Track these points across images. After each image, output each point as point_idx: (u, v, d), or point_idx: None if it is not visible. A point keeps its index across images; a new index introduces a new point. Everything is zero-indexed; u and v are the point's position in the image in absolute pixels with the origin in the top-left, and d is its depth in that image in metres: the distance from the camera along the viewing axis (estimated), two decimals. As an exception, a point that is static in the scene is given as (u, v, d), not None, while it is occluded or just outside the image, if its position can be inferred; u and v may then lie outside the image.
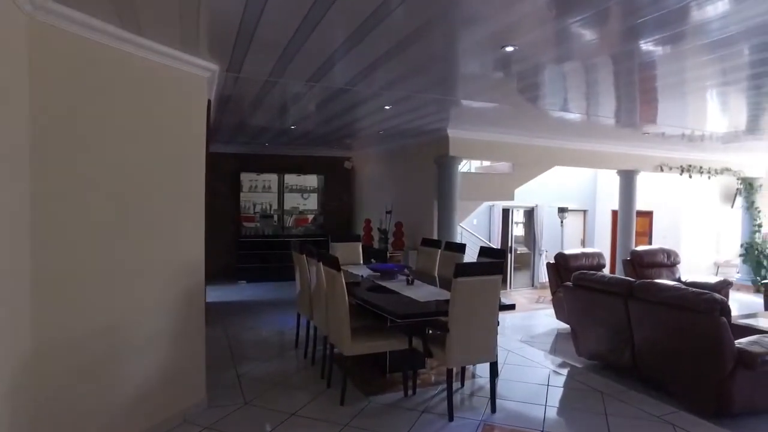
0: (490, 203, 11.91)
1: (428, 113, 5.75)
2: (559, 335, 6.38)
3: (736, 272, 11.90)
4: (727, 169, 9.50)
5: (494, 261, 3.96)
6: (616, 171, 8.61)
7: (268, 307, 7.56)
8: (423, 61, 3.69)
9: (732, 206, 12.11)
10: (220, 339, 5.74)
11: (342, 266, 5.40)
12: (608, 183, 13.02)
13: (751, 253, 9.90)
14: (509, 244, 12.43)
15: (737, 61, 3.55)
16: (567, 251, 7.00)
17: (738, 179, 10.07)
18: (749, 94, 4.80)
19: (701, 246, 11.92)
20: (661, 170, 8.65)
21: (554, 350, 5.66)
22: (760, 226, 10.05)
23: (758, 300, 8.82)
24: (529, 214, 12.82)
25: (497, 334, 3.77)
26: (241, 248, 9.80)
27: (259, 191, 10.23)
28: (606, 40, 3.17)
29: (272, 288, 9.11)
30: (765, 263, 9.82)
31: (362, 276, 5.09)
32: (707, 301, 3.89)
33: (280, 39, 3.21)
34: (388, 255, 7.69)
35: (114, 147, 3.03)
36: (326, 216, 10.66)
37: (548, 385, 4.40)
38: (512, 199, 7.54)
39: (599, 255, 7.18)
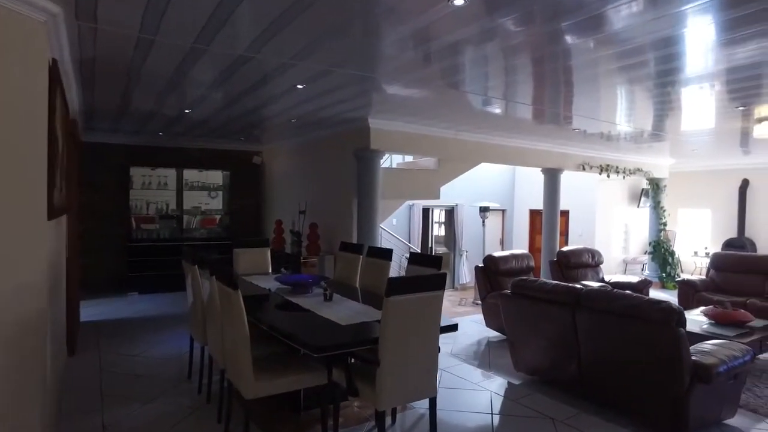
0: (410, 202, 11.41)
1: (347, 97, 5.00)
2: (491, 345, 5.89)
3: (641, 269, 12.37)
4: (639, 170, 9.68)
5: (434, 274, 3.27)
6: (540, 169, 8.39)
7: (162, 325, 6.39)
8: (338, 20, 2.93)
9: (638, 206, 12.57)
10: (89, 372, 4.58)
11: (247, 277, 4.46)
12: (526, 182, 13.06)
13: (658, 250, 10.18)
14: (429, 245, 12.01)
15: (641, 57, 3.59)
16: (496, 253, 6.56)
17: (647, 179, 10.33)
18: (654, 93, 4.76)
19: (611, 244, 12.24)
20: (583, 169, 8.55)
21: (489, 364, 5.13)
22: (665, 224, 10.37)
23: (667, 297, 9.05)
24: (450, 213, 12.49)
25: (438, 362, 3.08)
26: (132, 254, 8.44)
27: (153, 188, 8.91)
28: (528, 22, 2.93)
29: (169, 300, 7.87)
30: (670, 260, 10.14)
31: (270, 289, 4.21)
32: (663, 311, 3.48)
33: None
34: (302, 261, 6.83)
35: None
36: (233, 217, 9.54)
37: (492, 413, 3.80)
38: (438, 197, 7.00)
39: (528, 257, 6.82)
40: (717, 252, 7.78)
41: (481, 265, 6.54)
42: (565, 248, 7.46)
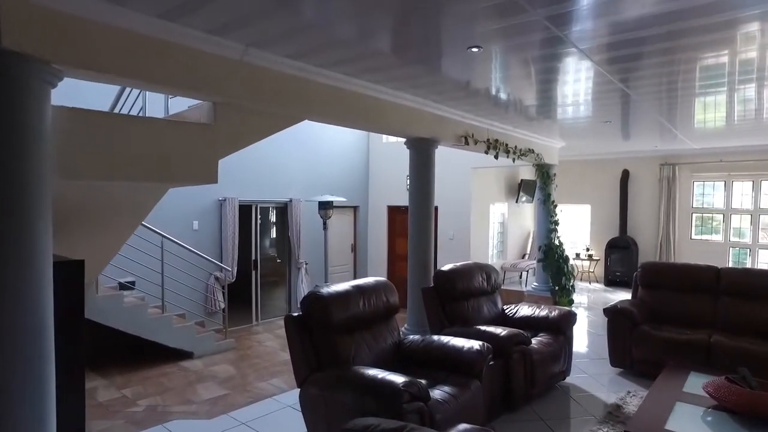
0: (221, 196, 7.78)
1: None
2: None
3: (519, 276, 10.27)
4: (531, 151, 7.26)
5: None
6: (405, 141, 5.38)
7: None
8: None
9: (516, 201, 10.43)
10: None
11: None
12: (383, 170, 10.18)
13: (551, 256, 7.91)
14: (253, 256, 8.50)
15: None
16: (327, 290, 3.30)
17: (535, 166, 8.02)
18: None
19: (489, 248, 9.89)
20: (466, 142, 5.74)
21: None
22: (556, 223, 8.16)
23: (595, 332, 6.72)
24: (282, 212, 9.09)
25: None
26: None
27: None
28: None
29: None
30: (565, 269, 7.93)
31: None
32: None
33: None
34: None
35: None
36: None
37: None
38: (213, 179, 3.49)
39: (386, 289, 3.69)
40: (648, 263, 5.49)
41: (295, 312, 3.24)
42: (447, 267, 4.50)
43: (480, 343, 3.47)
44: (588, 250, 10.46)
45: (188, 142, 3.39)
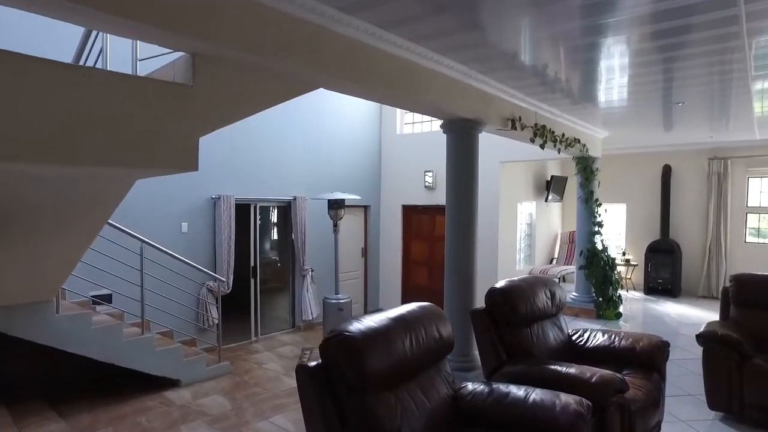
0: (214, 194, 6.72)
1: None
2: None
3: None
4: (577, 140, 6.20)
5: None
6: (441, 123, 4.32)
7: None
8: None
9: (546, 200, 9.38)
10: None
11: None
12: (397, 164, 9.11)
13: (596, 263, 6.83)
14: (252, 262, 7.44)
15: None
16: (358, 326, 2.21)
17: (575, 159, 6.95)
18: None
19: (517, 253, 8.83)
20: (513, 126, 4.67)
21: None
22: (600, 225, 7.08)
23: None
24: (285, 211, 8.02)
25: None
26: None
27: None
28: None
29: None
30: (612, 278, 6.86)
31: None
32: None
33: None
34: None
35: None
36: None
37: None
38: (192, 166, 2.44)
39: (436, 317, 2.60)
40: (742, 275, 4.40)
41: (310, 361, 2.17)
42: (502, 284, 3.41)
43: (576, 399, 2.40)
44: (624, 254, 9.39)
45: (153, 108, 2.32)
